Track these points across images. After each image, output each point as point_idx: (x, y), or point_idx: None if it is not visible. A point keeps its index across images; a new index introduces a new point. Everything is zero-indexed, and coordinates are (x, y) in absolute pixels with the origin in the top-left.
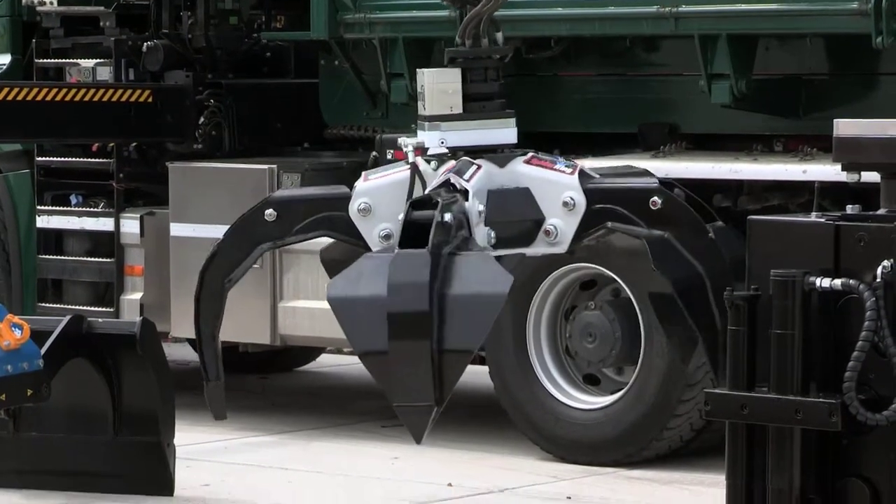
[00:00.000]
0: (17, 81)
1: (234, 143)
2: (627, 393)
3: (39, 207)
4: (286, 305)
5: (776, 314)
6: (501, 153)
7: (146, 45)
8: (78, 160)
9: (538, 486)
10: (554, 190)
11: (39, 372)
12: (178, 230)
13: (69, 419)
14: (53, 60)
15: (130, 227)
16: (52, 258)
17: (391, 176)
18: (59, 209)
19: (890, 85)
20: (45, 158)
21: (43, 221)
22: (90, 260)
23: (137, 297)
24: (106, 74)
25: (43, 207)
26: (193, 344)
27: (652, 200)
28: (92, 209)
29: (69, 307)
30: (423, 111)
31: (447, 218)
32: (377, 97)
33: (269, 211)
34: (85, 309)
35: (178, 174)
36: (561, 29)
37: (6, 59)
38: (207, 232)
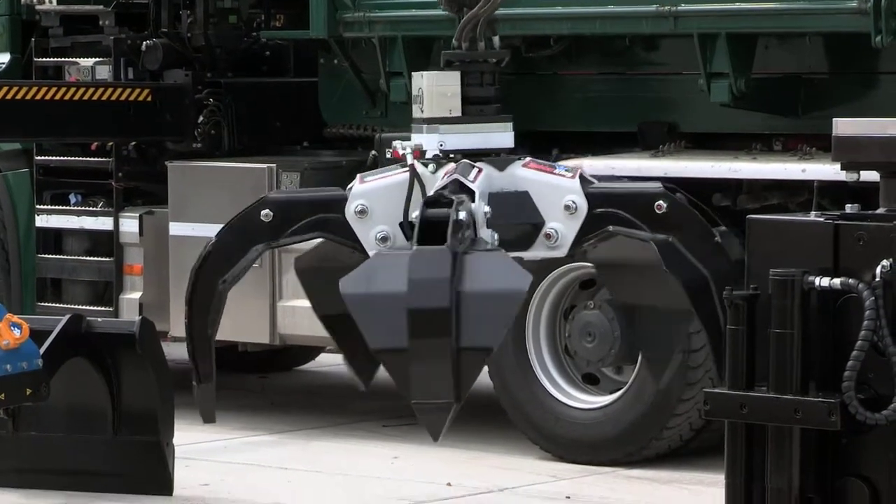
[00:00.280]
0: (16, 80)
1: (233, 142)
2: (627, 392)
3: (38, 206)
4: (285, 305)
5: (775, 313)
6: (498, 157)
7: (145, 43)
8: (77, 159)
9: (538, 485)
10: (555, 193)
11: (38, 371)
12: (177, 229)
13: (68, 418)
14: (52, 59)
15: (129, 226)
16: (51, 257)
17: (388, 178)
18: (58, 208)
19: (889, 84)
20: (44, 157)
21: (42, 220)
22: (89, 259)
23: (137, 296)
24: (105, 73)
25: (42, 206)
26: None
27: (657, 204)
28: (91, 208)
29: (68, 306)
30: (420, 114)
31: (462, 216)
32: (376, 96)
33: (265, 211)
34: (84, 308)
35: (177, 173)
36: (561, 28)
37: (5, 57)
38: (207, 231)
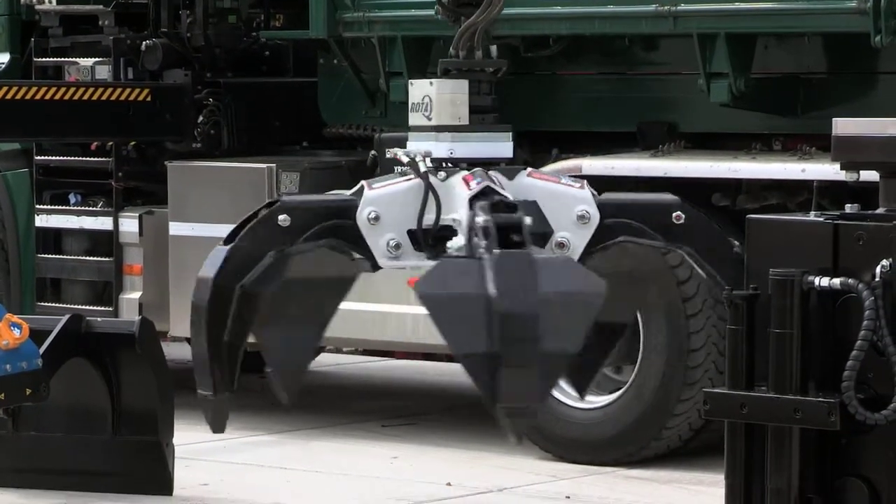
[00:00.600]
0: (15, 80)
1: (232, 141)
2: (626, 392)
3: (38, 206)
4: None
5: (775, 313)
6: (505, 166)
7: (145, 43)
8: (77, 159)
9: (537, 485)
10: (566, 203)
11: (38, 371)
12: (176, 229)
13: (68, 418)
14: (52, 59)
15: (129, 226)
16: (50, 257)
17: (398, 185)
18: (57, 208)
19: (889, 84)
20: (43, 157)
21: (42, 220)
22: (89, 259)
23: (136, 296)
24: (105, 73)
25: (42, 206)
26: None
27: (676, 215)
28: (91, 208)
29: (68, 306)
30: (427, 121)
31: (528, 221)
32: (376, 96)
33: (282, 216)
34: (84, 308)
35: (176, 173)
36: (560, 27)
37: (5, 57)
38: (206, 231)
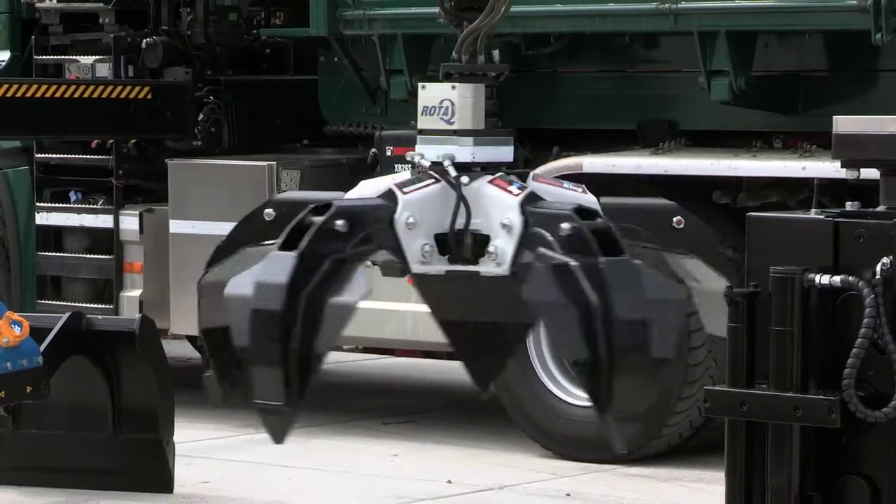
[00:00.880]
0: (16, 78)
1: (233, 139)
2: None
3: (38, 204)
4: None
5: (775, 311)
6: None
7: (145, 41)
8: (77, 157)
9: (537, 483)
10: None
11: (39, 369)
12: (177, 227)
13: (68, 416)
14: (52, 57)
15: (130, 223)
16: (51, 255)
17: (426, 189)
18: (58, 206)
19: (889, 81)
20: (44, 155)
21: (42, 218)
22: (89, 257)
23: (137, 294)
24: (105, 71)
25: (42, 204)
26: (192, 341)
27: (676, 220)
28: (91, 206)
29: (68, 304)
30: (447, 125)
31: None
32: (376, 94)
33: (340, 222)
34: (84, 306)
35: (177, 171)
36: (560, 25)
37: (5, 55)
38: (207, 229)
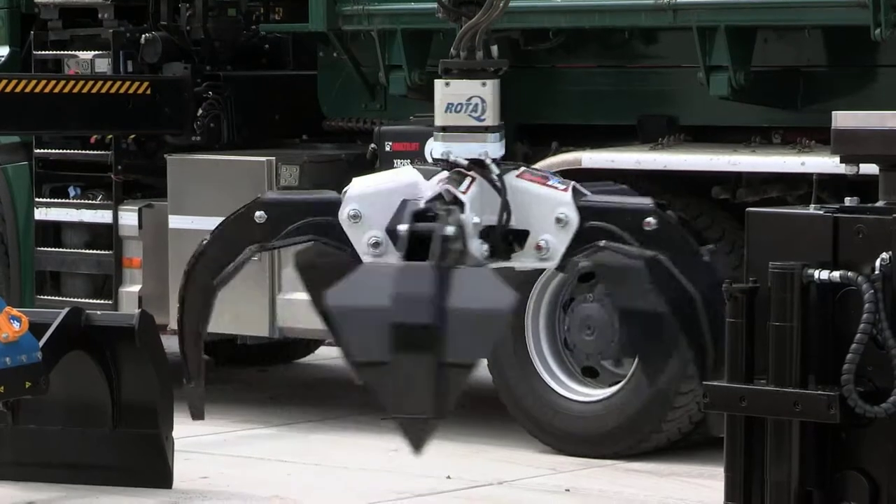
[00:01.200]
0: (15, 73)
1: (232, 135)
2: (626, 385)
3: (38, 199)
4: (285, 298)
5: (775, 306)
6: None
7: (144, 36)
8: (76, 152)
9: (537, 478)
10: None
11: (38, 364)
12: (176, 222)
13: (68, 412)
14: (52, 52)
15: (129, 219)
16: (50, 250)
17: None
18: (57, 201)
19: (889, 77)
20: (43, 150)
21: (41, 213)
22: (88, 252)
23: (136, 289)
24: (104, 66)
25: (41, 199)
26: None
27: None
28: (90, 201)
29: (67, 299)
30: (478, 122)
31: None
32: (375, 89)
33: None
34: (83, 301)
35: (176, 166)
36: (560, 20)
37: (4, 50)
38: (206, 224)
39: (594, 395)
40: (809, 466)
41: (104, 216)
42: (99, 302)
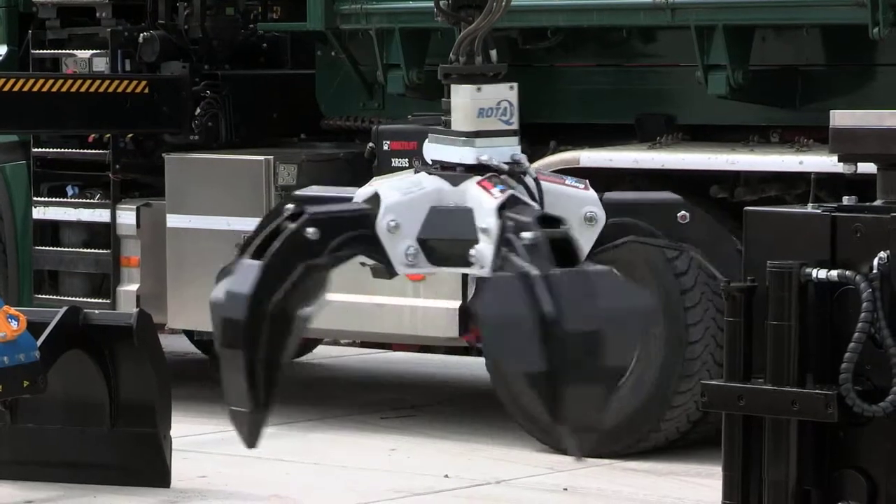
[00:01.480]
0: (13, 72)
1: (230, 134)
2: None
3: (35, 198)
4: None
5: (772, 305)
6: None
7: (142, 35)
8: (74, 151)
9: (535, 477)
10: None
11: (36, 363)
12: (174, 221)
13: (66, 411)
14: (50, 51)
15: (127, 218)
16: (48, 249)
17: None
18: (55, 200)
19: (887, 75)
20: (41, 149)
21: (39, 212)
22: (86, 251)
23: (134, 288)
24: (102, 65)
25: (39, 198)
26: (189, 335)
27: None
28: (88, 200)
29: (65, 298)
30: (508, 126)
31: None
32: (374, 88)
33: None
34: (81, 300)
35: (174, 165)
36: (558, 19)
37: (2, 49)
38: (204, 223)
39: None
40: (807, 465)
41: (102, 215)
42: (97, 301)
